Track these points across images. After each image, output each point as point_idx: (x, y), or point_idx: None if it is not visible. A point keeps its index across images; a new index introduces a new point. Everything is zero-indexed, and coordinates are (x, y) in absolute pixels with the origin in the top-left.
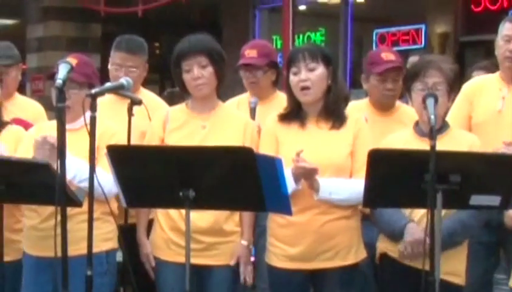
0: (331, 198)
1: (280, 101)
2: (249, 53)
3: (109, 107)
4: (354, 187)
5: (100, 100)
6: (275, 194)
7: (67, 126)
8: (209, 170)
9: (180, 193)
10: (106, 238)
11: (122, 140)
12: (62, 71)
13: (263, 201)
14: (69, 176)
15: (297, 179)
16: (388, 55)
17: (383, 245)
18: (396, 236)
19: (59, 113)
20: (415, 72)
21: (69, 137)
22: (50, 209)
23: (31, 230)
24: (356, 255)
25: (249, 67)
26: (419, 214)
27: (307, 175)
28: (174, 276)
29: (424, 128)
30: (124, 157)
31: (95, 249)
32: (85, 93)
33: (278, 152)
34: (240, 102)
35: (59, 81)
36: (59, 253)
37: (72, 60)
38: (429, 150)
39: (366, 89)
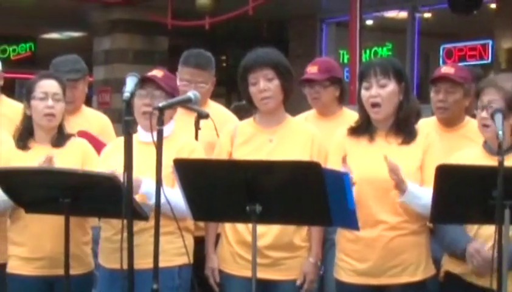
0: (414, 201)
1: (345, 118)
2: (310, 69)
3: (177, 120)
4: (429, 195)
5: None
6: (341, 209)
7: (144, 138)
8: (276, 185)
9: (247, 208)
10: (179, 252)
11: (202, 156)
12: (129, 84)
13: (330, 215)
14: (151, 201)
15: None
16: (447, 69)
17: (448, 262)
18: (458, 255)
19: (126, 126)
20: (477, 91)
21: (145, 150)
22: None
23: (106, 242)
24: (424, 271)
25: (310, 83)
26: (484, 234)
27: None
28: (240, 290)
29: (492, 145)
30: (191, 171)
31: (167, 263)
32: None
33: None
34: (308, 118)
35: (126, 94)
36: (125, 266)
37: (158, 72)
38: (497, 166)
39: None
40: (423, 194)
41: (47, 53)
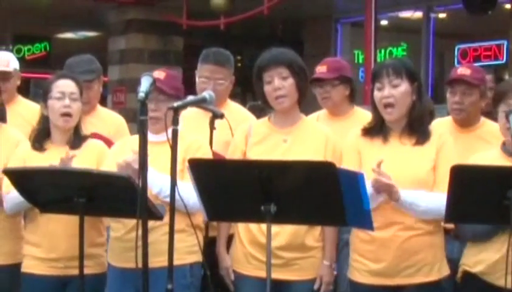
0: (411, 208)
1: (357, 117)
2: (320, 69)
3: (192, 120)
4: (434, 199)
5: (182, 113)
6: (356, 209)
7: (152, 138)
8: (291, 185)
9: (262, 208)
10: (190, 250)
11: (208, 153)
12: (144, 84)
13: (344, 215)
14: (154, 191)
15: (377, 190)
16: (463, 70)
17: (466, 262)
18: (481, 236)
19: (141, 126)
20: (499, 94)
21: (153, 150)
22: (134, 221)
23: (116, 241)
24: (439, 271)
25: (320, 82)
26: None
27: (386, 189)
28: (253, 290)
29: (510, 147)
30: (206, 171)
31: (179, 261)
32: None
33: (361, 167)
34: (319, 118)
35: (141, 94)
36: (140, 265)
37: (160, 73)
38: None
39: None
40: (422, 199)
41: (62, 53)
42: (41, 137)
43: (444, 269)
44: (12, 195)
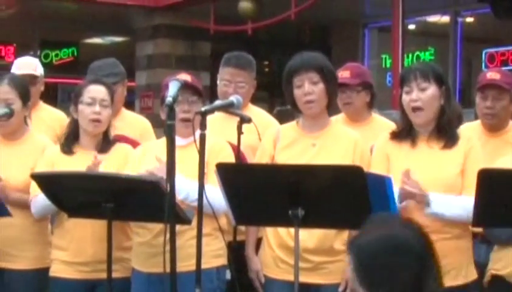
0: (442, 213)
1: (375, 123)
2: (342, 74)
3: (218, 124)
4: (463, 203)
5: (209, 118)
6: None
7: (177, 142)
8: (319, 189)
9: (290, 212)
10: (216, 254)
11: (230, 155)
12: (172, 89)
13: None
14: (180, 196)
15: (404, 198)
16: (493, 75)
17: (495, 267)
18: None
19: (169, 130)
20: None
21: (178, 153)
22: (160, 226)
23: (142, 246)
24: (466, 276)
25: (343, 87)
26: None
27: (412, 197)
28: None
29: None
30: (233, 175)
31: (205, 265)
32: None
33: (389, 171)
34: (337, 122)
35: (169, 98)
36: (167, 270)
37: (186, 76)
38: None
39: (477, 110)
40: (451, 204)
41: (90, 58)
42: (69, 140)
43: (471, 274)
44: (39, 198)
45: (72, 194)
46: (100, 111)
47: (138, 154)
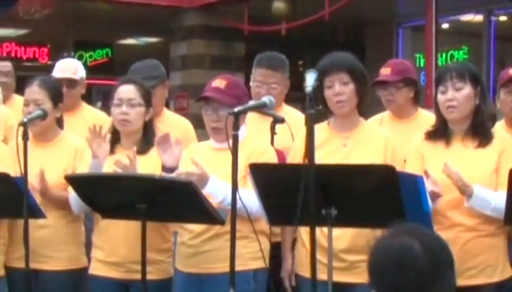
0: (484, 205)
1: (421, 119)
2: (384, 71)
3: (252, 125)
4: (502, 198)
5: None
6: (416, 212)
7: (215, 145)
8: (351, 188)
9: (323, 211)
10: (254, 257)
11: (273, 159)
12: (310, 79)
13: (404, 218)
14: (217, 199)
15: (440, 193)
16: None
17: None
18: None
19: (309, 121)
20: None
21: (216, 156)
22: (199, 226)
23: (182, 246)
24: (501, 273)
25: (384, 84)
26: None
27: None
28: None
29: None
30: (266, 175)
31: (242, 267)
32: None
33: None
34: (383, 119)
35: (309, 88)
36: (206, 270)
37: (221, 82)
38: None
39: (499, 108)
40: (493, 197)
41: (124, 59)
42: (112, 141)
43: (507, 271)
44: (75, 195)
45: (105, 196)
46: (127, 110)
47: (184, 156)
